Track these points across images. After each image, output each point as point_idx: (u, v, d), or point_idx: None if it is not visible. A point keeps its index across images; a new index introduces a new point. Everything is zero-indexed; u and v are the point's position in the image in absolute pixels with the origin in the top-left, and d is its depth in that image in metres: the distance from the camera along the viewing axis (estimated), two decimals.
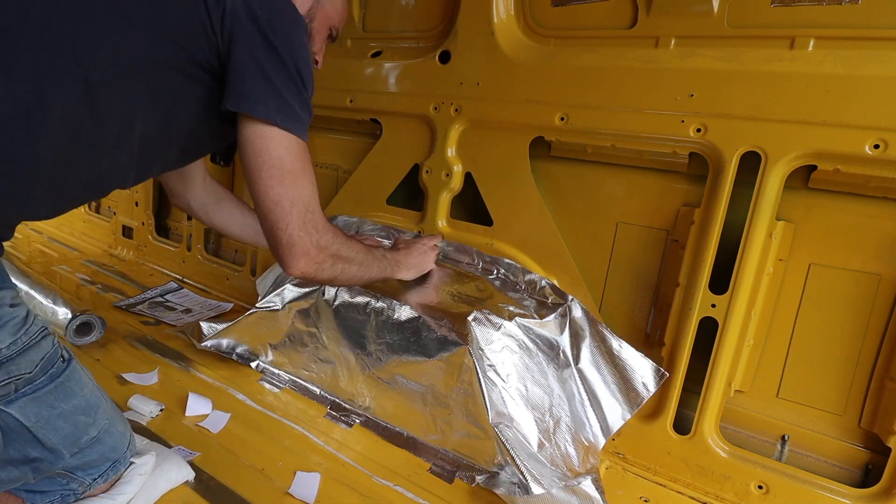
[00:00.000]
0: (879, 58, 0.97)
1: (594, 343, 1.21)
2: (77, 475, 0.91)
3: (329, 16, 1.12)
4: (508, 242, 1.40)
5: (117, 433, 0.95)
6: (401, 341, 1.25)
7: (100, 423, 0.91)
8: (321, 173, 1.85)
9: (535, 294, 1.30)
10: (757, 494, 1.09)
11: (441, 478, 1.14)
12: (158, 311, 1.85)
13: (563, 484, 1.05)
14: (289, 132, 0.89)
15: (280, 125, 0.88)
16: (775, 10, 1.06)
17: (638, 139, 1.19)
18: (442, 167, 1.47)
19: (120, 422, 0.98)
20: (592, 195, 1.33)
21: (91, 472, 0.92)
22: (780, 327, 1.15)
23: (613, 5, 1.23)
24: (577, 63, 1.27)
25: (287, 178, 0.89)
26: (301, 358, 1.44)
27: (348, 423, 1.30)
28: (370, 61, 1.62)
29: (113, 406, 0.97)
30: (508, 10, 1.36)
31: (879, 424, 1.05)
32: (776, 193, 1.06)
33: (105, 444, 0.92)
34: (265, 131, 0.88)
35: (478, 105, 1.40)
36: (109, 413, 0.95)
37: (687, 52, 1.15)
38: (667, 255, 1.24)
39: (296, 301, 1.42)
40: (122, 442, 0.96)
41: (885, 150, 0.95)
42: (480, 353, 1.13)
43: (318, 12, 1.09)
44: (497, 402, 1.11)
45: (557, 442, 1.15)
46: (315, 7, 1.08)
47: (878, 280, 1.05)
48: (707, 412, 1.14)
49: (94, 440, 0.91)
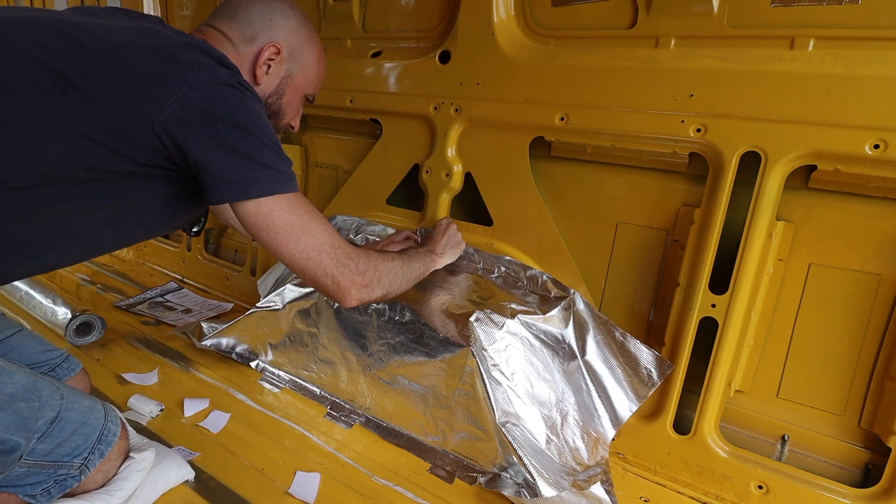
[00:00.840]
0: (879, 58, 0.97)
1: (599, 334, 1.21)
2: (62, 460, 0.89)
3: (300, 86, 1.12)
4: (508, 242, 1.40)
5: (82, 408, 0.93)
6: (402, 342, 1.25)
7: (51, 403, 0.89)
8: (321, 173, 1.85)
9: (538, 289, 1.30)
10: (757, 494, 1.09)
11: (441, 478, 1.14)
12: (158, 311, 1.85)
13: (572, 479, 1.05)
14: (283, 194, 0.91)
15: (275, 193, 0.90)
16: (775, 10, 1.06)
17: (638, 139, 1.20)
18: (442, 167, 1.47)
19: (83, 397, 0.96)
20: (592, 195, 1.33)
21: (74, 452, 0.90)
22: (780, 327, 1.15)
23: (613, 5, 1.23)
24: (577, 63, 1.27)
25: (302, 235, 0.93)
26: (301, 358, 1.44)
27: (348, 423, 1.30)
28: (370, 61, 1.62)
29: (66, 386, 0.95)
30: (508, 10, 1.36)
31: (879, 424, 1.05)
32: (776, 193, 1.06)
33: (72, 421, 0.90)
34: (264, 208, 0.90)
35: (478, 105, 1.40)
36: (62, 391, 0.92)
37: (687, 52, 1.15)
38: (667, 255, 1.24)
39: (296, 301, 1.42)
40: (92, 415, 0.94)
41: (885, 150, 0.95)
42: (484, 354, 1.13)
43: (287, 86, 1.09)
44: (503, 402, 1.11)
45: (565, 436, 1.15)
46: (284, 83, 1.09)
47: (878, 280, 1.05)
48: (707, 412, 1.14)
49: (56, 420, 0.88)
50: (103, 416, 0.96)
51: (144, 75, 0.84)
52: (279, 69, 1.07)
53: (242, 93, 0.90)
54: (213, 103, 0.85)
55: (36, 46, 0.83)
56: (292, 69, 1.09)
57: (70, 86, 0.81)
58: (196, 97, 0.84)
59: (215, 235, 2.24)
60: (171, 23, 2.24)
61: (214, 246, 2.25)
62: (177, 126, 0.84)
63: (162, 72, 0.84)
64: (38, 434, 0.86)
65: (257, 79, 1.05)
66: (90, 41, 0.85)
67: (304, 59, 1.10)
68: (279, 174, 0.91)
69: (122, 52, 0.85)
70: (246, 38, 1.04)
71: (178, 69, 0.85)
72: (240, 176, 0.87)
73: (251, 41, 1.04)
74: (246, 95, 0.90)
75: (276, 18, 1.06)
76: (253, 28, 1.05)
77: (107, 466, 0.95)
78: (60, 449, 0.89)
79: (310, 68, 1.12)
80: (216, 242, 2.25)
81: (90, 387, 1.20)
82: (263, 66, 1.04)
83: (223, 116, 0.86)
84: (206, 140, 0.85)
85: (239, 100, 0.89)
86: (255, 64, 1.04)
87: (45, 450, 0.87)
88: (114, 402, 1.27)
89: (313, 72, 1.13)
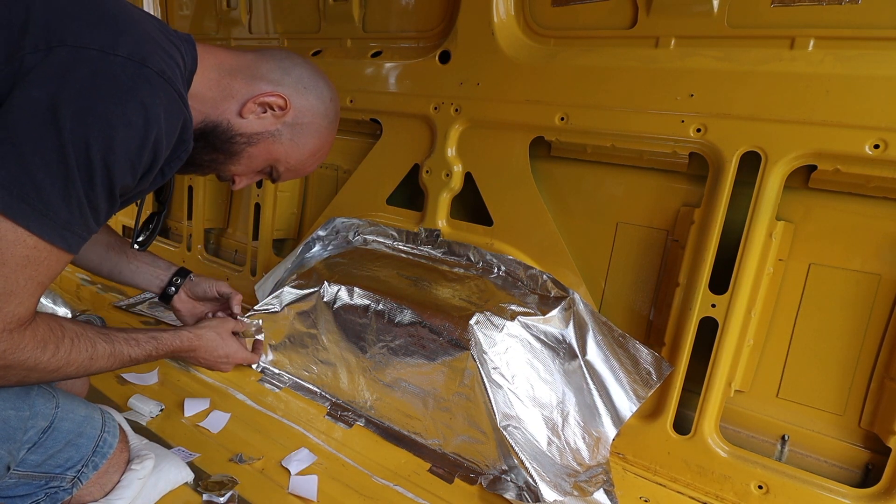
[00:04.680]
0: (879, 58, 0.97)
1: (599, 335, 1.21)
2: (53, 472, 0.86)
3: (276, 154, 0.96)
4: (508, 242, 1.39)
5: (78, 417, 0.88)
6: (402, 345, 1.24)
7: (44, 412, 0.83)
8: (321, 173, 1.85)
9: (538, 289, 1.30)
10: (757, 494, 1.09)
11: (441, 478, 1.14)
12: (158, 311, 1.85)
13: (573, 481, 1.05)
14: (28, 231, 0.67)
15: (19, 223, 0.66)
16: (775, 10, 1.06)
17: (638, 139, 1.19)
18: (442, 167, 1.47)
19: (80, 405, 0.90)
20: (592, 195, 1.33)
21: (67, 464, 0.87)
22: (780, 327, 1.15)
23: (613, 5, 1.23)
24: (577, 63, 1.27)
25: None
26: (301, 359, 1.44)
27: (348, 423, 1.30)
28: (370, 61, 1.62)
29: (63, 393, 0.89)
30: (508, 10, 1.36)
31: (879, 424, 1.05)
32: (776, 193, 1.06)
33: (66, 431, 0.85)
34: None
35: (478, 105, 1.40)
36: (58, 398, 0.86)
37: (687, 52, 1.15)
38: (667, 255, 1.23)
39: (295, 303, 1.42)
40: (88, 425, 0.88)
41: (885, 150, 0.95)
42: (484, 357, 1.13)
43: (264, 142, 0.94)
44: (504, 405, 1.11)
45: (567, 437, 1.15)
46: (265, 137, 0.93)
47: (878, 280, 1.05)
48: (707, 412, 1.14)
49: (49, 430, 0.83)
50: (100, 426, 0.91)
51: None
52: (272, 122, 0.93)
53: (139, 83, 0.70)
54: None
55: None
56: (283, 133, 0.94)
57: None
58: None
59: (215, 235, 2.24)
60: (171, 23, 2.24)
61: (214, 246, 2.25)
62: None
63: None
64: (28, 444, 0.82)
65: (243, 111, 0.90)
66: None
67: (301, 139, 0.97)
68: (47, 211, 0.67)
69: None
70: (260, 75, 0.92)
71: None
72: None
73: (264, 80, 0.92)
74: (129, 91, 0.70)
75: (309, 90, 0.95)
76: (276, 74, 0.93)
77: (104, 479, 0.92)
78: (52, 460, 0.85)
79: (299, 151, 0.98)
80: (216, 242, 2.25)
81: (89, 387, 1.19)
82: (260, 105, 0.91)
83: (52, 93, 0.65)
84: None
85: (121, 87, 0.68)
86: (251, 98, 0.90)
87: (36, 461, 0.84)
88: (114, 403, 1.27)
89: (299, 157, 0.99)
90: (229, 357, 1.08)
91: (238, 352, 1.09)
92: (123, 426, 1.01)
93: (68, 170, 0.67)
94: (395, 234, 1.55)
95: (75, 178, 0.68)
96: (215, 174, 0.98)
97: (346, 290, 1.35)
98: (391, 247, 1.54)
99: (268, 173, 1.01)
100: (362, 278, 1.37)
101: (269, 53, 0.96)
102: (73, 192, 0.69)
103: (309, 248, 1.63)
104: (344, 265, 1.46)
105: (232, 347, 1.09)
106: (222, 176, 0.99)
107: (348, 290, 1.35)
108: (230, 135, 0.91)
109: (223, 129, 0.90)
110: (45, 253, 0.70)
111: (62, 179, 0.67)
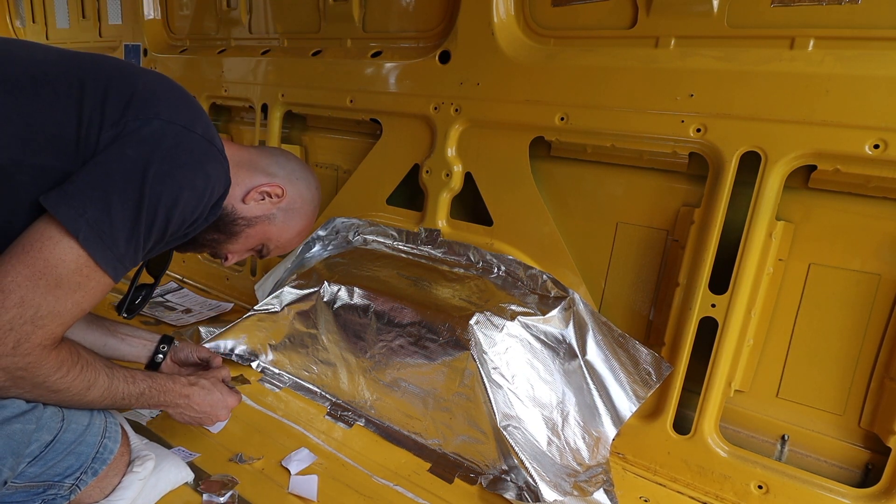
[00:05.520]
0: (879, 58, 0.97)
1: (599, 334, 1.21)
2: (52, 480, 0.86)
3: (268, 234, 1.10)
4: (509, 242, 1.40)
5: (79, 427, 0.89)
6: (402, 345, 1.25)
7: (50, 426, 0.84)
8: (321, 173, 1.85)
9: (538, 289, 1.30)
10: (757, 494, 1.09)
11: (441, 478, 1.14)
12: (158, 311, 1.85)
13: (573, 481, 1.05)
14: (85, 251, 0.78)
15: (82, 243, 0.77)
16: (775, 10, 1.06)
17: (638, 139, 1.20)
18: (442, 167, 1.47)
19: (82, 413, 0.90)
20: (592, 195, 1.33)
21: (66, 472, 0.87)
22: (780, 327, 1.15)
23: (613, 5, 1.23)
24: (577, 63, 1.27)
25: (40, 283, 0.76)
26: (301, 359, 1.44)
27: (348, 423, 1.30)
28: (370, 61, 1.62)
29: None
30: (508, 10, 1.36)
31: (879, 424, 1.05)
32: (776, 193, 1.06)
33: (66, 442, 0.86)
34: (55, 236, 0.77)
35: (478, 105, 1.40)
36: (65, 411, 0.87)
37: (687, 52, 1.15)
38: (667, 255, 1.24)
39: (295, 303, 1.42)
40: (89, 432, 0.90)
41: (885, 150, 0.95)
42: (484, 357, 1.13)
43: (260, 224, 1.08)
44: (504, 405, 1.11)
45: (566, 437, 1.15)
46: (262, 220, 1.07)
47: (878, 280, 1.05)
48: (707, 412, 1.14)
49: (52, 443, 0.84)
50: (100, 432, 0.92)
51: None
52: (269, 207, 1.07)
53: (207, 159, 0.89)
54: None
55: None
56: (277, 217, 1.09)
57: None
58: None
59: None
60: (171, 23, 2.24)
61: None
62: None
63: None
64: (28, 458, 0.82)
65: (246, 198, 1.04)
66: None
67: (290, 221, 1.11)
68: (113, 245, 0.80)
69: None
70: (261, 168, 1.08)
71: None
72: (80, 198, 0.78)
73: (264, 172, 1.07)
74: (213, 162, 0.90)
75: (300, 181, 1.12)
76: (274, 168, 1.09)
77: (104, 483, 0.92)
78: (52, 470, 0.85)
79: (289, 231, 1.13)
80: None
81: None
82: (261, 193, 1.05)
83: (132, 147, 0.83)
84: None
85: (196, 157, 0.87)
86: (254, 187, 1.05)
87: (35, 472, 0.84)
88: None
89: (289, 236, 1.14)
90: (226, 401, 1.10)
91: (231, 395, 1.12)
92: (125, 426, 1.01)
93: (140, 215, 0.81)
94: (395, 234, 1.55)
95: (142, 222, 0.82)
96: (210, 253, 1.11)
97: (346, 289, 1.35)
98: (391, 247, 1.55)
99: (258, 250, 1.14)
100: (362, 278, 1.37)
101: (267, 150, 1.15)
102: (135, 233, 0.82)
103: (309, 247, 1.63)
104: (344, 265, 1.46)
105: (226, 392, 1.12)
106: (217, 254, 1.11)
107: (348, 289, 1.35)
108: (233, 217, 1.04)
109: (228, 212, 1.03)
110: (95, 281, 0.81)
111: (132, 222, 0.81)
